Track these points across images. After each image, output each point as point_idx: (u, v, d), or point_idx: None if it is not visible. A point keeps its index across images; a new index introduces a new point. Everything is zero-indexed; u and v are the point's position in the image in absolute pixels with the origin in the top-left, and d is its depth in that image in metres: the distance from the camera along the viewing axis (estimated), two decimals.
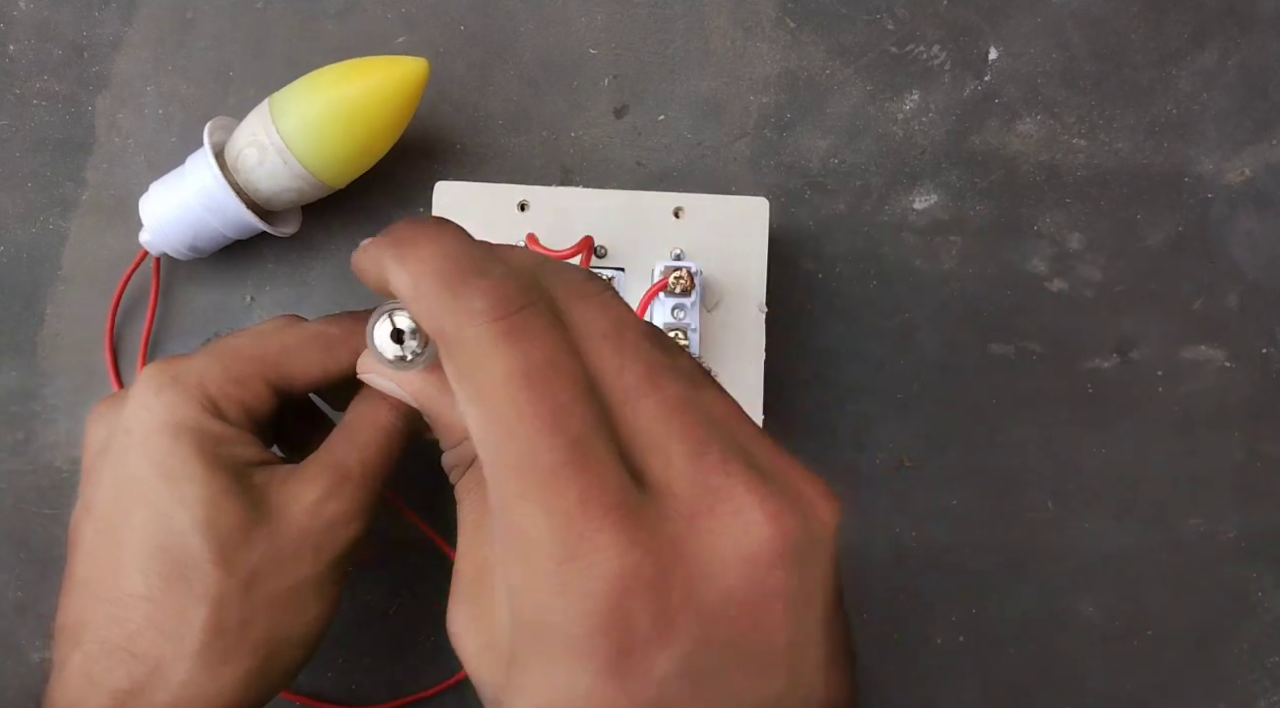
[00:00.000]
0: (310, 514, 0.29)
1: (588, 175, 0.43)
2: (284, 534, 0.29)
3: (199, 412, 0.29)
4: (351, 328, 0.32)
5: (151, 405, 0.29)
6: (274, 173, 0.37)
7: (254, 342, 0.31)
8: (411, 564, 0.42)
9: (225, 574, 0.28)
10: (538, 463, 0.19)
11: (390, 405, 0.31)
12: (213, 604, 0.28)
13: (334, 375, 0.32)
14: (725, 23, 0.44)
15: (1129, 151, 0.44)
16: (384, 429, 0.31)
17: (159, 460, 0.29)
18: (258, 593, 0.29)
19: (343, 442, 0.31)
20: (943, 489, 0.43)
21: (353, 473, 0.30)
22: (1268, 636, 0.44)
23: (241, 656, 0.28)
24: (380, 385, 0.26)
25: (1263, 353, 0.44)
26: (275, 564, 0.29)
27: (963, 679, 0.44)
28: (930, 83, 0.44)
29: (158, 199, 0.39)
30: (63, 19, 0.42)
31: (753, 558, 0.20)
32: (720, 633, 0.19)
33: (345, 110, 0.36)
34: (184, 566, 0.28)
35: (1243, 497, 0.44)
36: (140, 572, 0.28)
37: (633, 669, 0.19)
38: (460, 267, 0.20)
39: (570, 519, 0.19)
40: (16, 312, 0.42)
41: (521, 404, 0.19)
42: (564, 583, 0.19)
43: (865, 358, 0.43)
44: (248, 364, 0.31)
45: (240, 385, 0.30)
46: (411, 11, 0.43)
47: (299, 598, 0.29)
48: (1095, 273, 0.44)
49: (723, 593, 0.19)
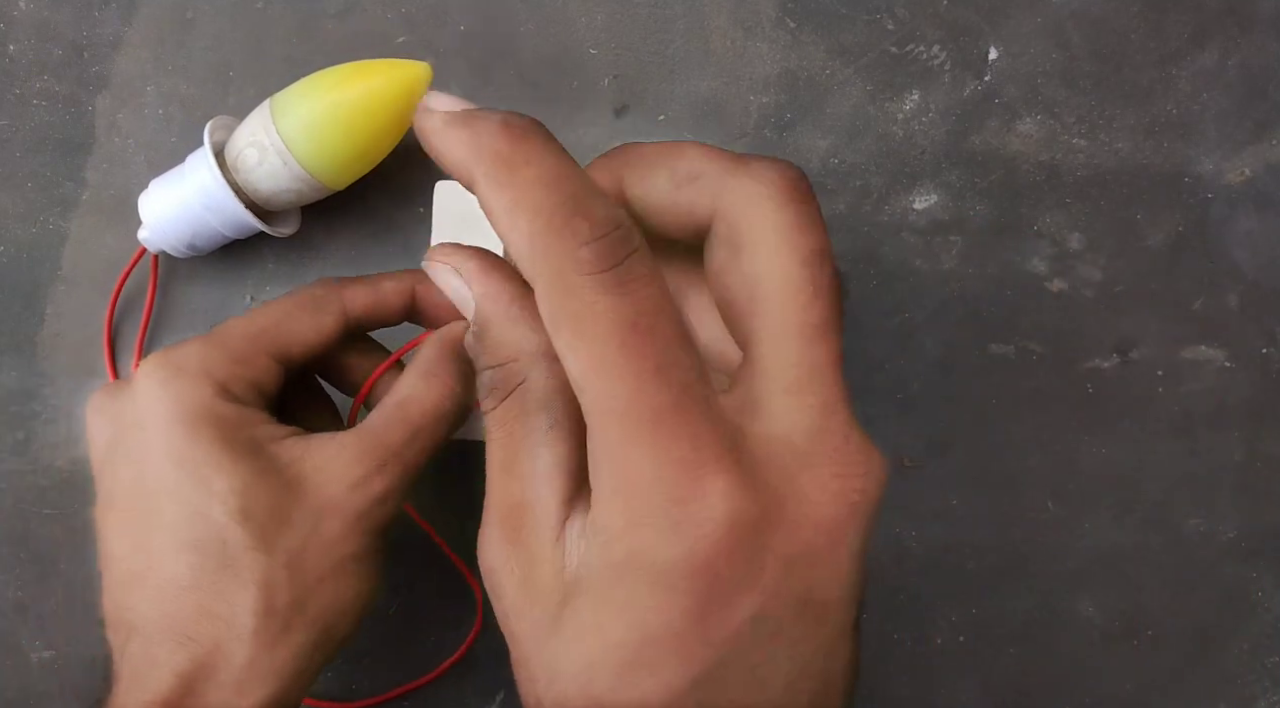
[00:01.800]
0: (352, 491, 0.30)
1: None
2: (324, 512, 0.29)
3: (211, 397, 0.29)
4: (334, 286, 0.33)
5: (161, 397, 0.29)
6: (273, 174, 0.37)
7: (246, 319, 0.32)
8: (411, 564, 0.42)
9: (268, 558, 0.29)
10: (647, 409, 0.19)
11: (444, 382, 0.31)
12: (260, 588, 0.28)
13: (328, 335, 0.32)
14: (725, 23, 0.44)
15: (1129, 151, 0.44)
16: (439, 408, 0.31)
17: (181, 454, 0.29)
18: (303, 572, 0.29)
19: (392, 420, 0.31)
20: (943, 489, 0.43)
21: (401, 454, 0.30)
22: (1268, 636, 0.44)
23: (295, 632, 0.29)
24: (443, 280, 0.23)
25: (1263, 353, 0.44)
26: (317, 542, 0.29)
27: (963, 679, 0.44)
28: (930, 83, 0.44)
29: (157, 197, 0.39)
30: (63, 19, 0.42)
31: (839, 520, 0.20)
32: (795, 585, 0.20)
33: (346, 113, 0.36)
34: (226, 555, 0.28)
35: (1243, 497, 0.44)
36: (185, 565, 0.28)
37: (718, 612, 0.20)
38: (564, 205, 0.19)
39: (683, 464, 0.19)
40: (16, 312, 0.42)
41: (631, 351, 0.19)
42: (673, 524, 0.19)
43: (865, 358, 0.43)
44: (247, 341, 0.31)
45: (245, 364, 0.30)
46: (411, 11, 0.43)
47: (344, 573, 0.30)
48: (1095, 273, 0.44)
49: (807, 547, 0.20)
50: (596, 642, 0.20)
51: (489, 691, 0.42)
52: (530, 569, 0.21)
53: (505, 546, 0.22)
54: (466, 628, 0.42)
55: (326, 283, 0.33)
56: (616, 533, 0.20)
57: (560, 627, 0.21)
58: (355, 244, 0.42)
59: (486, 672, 0.42)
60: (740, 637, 0.20)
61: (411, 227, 0.42)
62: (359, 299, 0.33)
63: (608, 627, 0.20)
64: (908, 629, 0.43)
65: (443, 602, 0.42)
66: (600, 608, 0.20)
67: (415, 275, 0.34)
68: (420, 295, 0.34)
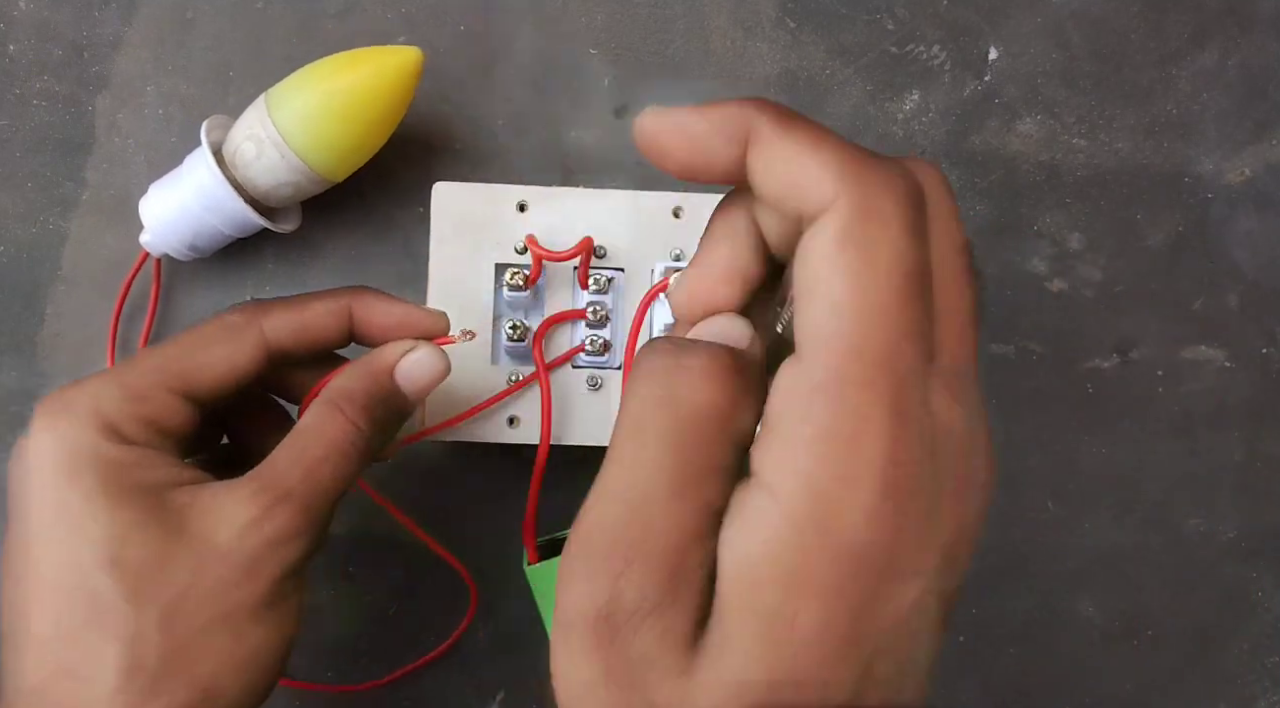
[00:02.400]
0: (241, 537, 0.27)
1: (588, 175, 0.43)
2: (209, 560, 0.27)
3: (96, 438, 0.27)
4: (253, 312, 0.30)
5: (44, 442, 0.27)
6: (271, 166, 0.37)
7: (152, 351, 0.29)
8: (411, 564, 0.42)
9: (139, 610, 0.26)
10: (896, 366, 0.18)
11: (348, 418, 0.29)
12: (127, 642, 0.26)
13: (244, 368, 0.29)
14: (725, 23, 0.44)
15: (1129, 151, 0.44)
16: (338, 444, 0.29)
17: (59, 500, 0.27)
18: (181, 625, 0.26)
19: (288, 456, 0.29)
20: None
21: (294, 492, 0.28)
22: (1268, 636, 0.44)
23: (169, 692, 0.26)
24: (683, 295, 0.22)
25: (1263, 353, 0.44)
26: (199, 593, 0.27)
27: (963, 679, 0.44)
28: (930, 83, 0.44)
29: (157, 200, 0.39)
30: (63, 19, 0.42)
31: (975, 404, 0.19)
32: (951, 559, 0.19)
33: (340, 101, 0.36)
34: (95, 607, 0.26)
35: (1243, 497, 0.44)
36: (51, 617, 0.26)
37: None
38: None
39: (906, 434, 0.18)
40: (16, 312, 0.42)
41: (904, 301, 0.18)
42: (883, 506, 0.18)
43: None
44: (146, 376, 0.28)
45: (141, 401, 0.28)
46: (411, 11, 0.43)
47: (234, 626, 0.27)
48: (1095, 273, 0.44)
49: (962, 523, 0.19)
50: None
51: (489, 690, 0.42)
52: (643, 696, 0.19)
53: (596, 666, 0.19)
54: (460, 636, 0.42)
55: (246, 309, 0.30)
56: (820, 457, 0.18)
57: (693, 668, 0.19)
58: (355, 244, 0.42)
59: (487, 672, 0.42)
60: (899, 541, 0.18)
61: (411, 226, 0.42)
62: (281, 325, 0.30)
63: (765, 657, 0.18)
64: None
65: (442, 602, 0.42)
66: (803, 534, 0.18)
67: (352, 294, 0.31)
68: (359, 317, 0.31)
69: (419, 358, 0.31)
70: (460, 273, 0.37)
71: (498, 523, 0.42)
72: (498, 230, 0.37)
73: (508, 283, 0.36)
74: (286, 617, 0.28)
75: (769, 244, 0.21)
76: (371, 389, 0.30)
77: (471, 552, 0.41)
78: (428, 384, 0.31)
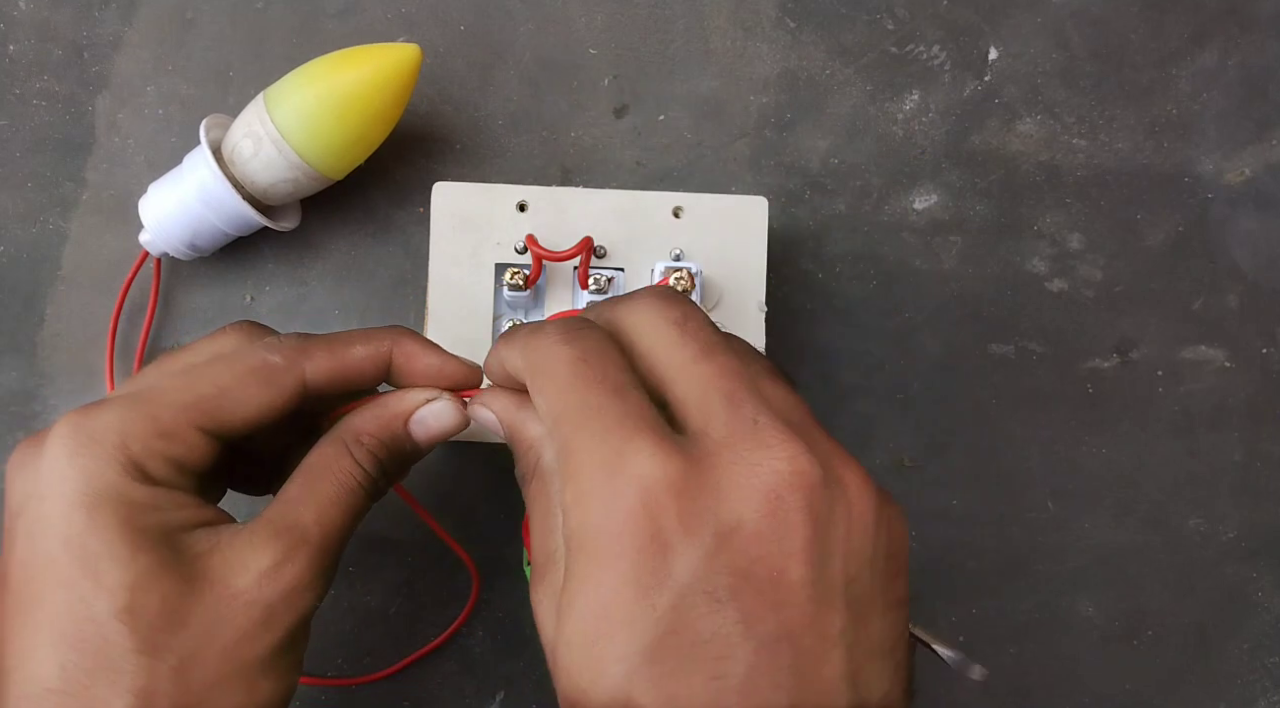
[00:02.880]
0: (259, 585, 0.26)
1: (588, 175, 0.43)
2: (226, 610, 0.26)
3: (120, 477, 0.26)
4: (295, 354, 0.29)
5: (65, 472, 0.26)
6: (270, 163, 0.37)
7: (184, 383, 0.28)
8: (411, 565, 0.42)
9: (152, 662, 0.25)
10: (587, 404, 0.24)
11: (355, 460, 0.29)
12: (139, 696, 0.25)
13: (278, 410, 0.28)
14: (725, 23, 0.44)
15: (1129, 151, 0.44)
16: (346, 484, 0.28)
17: (75, 539, 0.25)
18: (195, 678, 0.25)
19: (300, 497, 0.28)
20: (943, 489, 0.43)
21: (310, 535, 0.27)
22: (1268, 636, 0.44)
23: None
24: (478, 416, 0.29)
25: (1263, 353, 0.44)
26: (215, 644, 0.26)
27: (963, 679, 0.44)
28: (930, 83, 0.44)
29: (156, 199, 0.39)
30: (63, 19, 0.42)
31: (770, 492, 0.22)
32: (734, 554, 0.22)
33: (339, 98, 0.36)
34: (105, 657, 0.25)
35: (1243, 497, 0.44)
36: (57, 664, 0.25)
37: (656, 573, 0.22)
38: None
39: (610, 432, 0.23)
40: (16, 312, 0.42)
41: (576, 373, 0.24)
42: (608, 486, 0.23)
43: (865, 358, 0.43)
44: (177, 413, 0.27)
45: (169, 439, 0.27)
46: (411, 11, 0.43)
47: (247, 677, 0.26)
48: (1095, 273, 0.44)
49: (739, 517, 0.22)
50: (570, 625, 0.23)
51: (489, 690, 0.42)
52: (554, 599, 0.24)
53: (540, 585, 0.25)
54: (465, 627, 0.42)
55: (288, 348, 0.29)
56: (570, 510, 0.23)
57: (557, 634, 0.24)
58: (355, 244, 0.42)
59: (487, 671, 0.42)
60: (683, 604, 0.22)
61: (411, 226, 0.42)
62: (322, 369, 0.29)
63: (577, 609, 0.23)
64: None
65: (442, 602, 0.42)
66: (569, 593, 0.23)
67: (393, 335, 0.30)
68: (398, 362, 0.30)
69: (437, 410, 0.30)
70: (460, 273, 0.37)
71: (497, 523, 0.42)
72: (498, 230, 0.37)
73: (508, 283, 0.36)
74: (294, 666, 0.28)
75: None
76: (383, 435, 0.30)
77: (471, 552, 0.41)
78: (440, 436, 0.30)
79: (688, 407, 0.24)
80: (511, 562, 0.41)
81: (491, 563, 0.41)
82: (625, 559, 0.22)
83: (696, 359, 0.24)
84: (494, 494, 0.42)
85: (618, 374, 0.24)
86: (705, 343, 0.25)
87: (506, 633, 0.42)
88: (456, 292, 0.37)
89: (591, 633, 0.23)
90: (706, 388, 0.24)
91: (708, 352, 0.25)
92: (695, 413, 0.24)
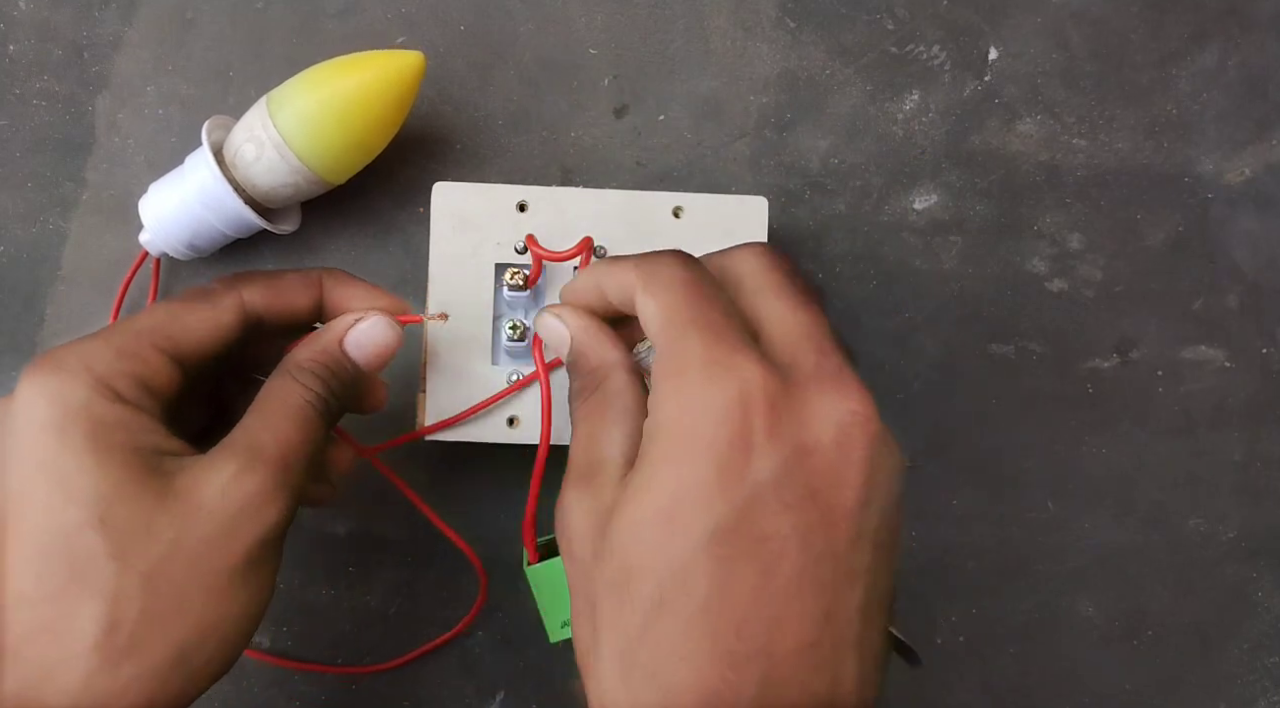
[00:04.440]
0: (223, 496, 0.28)
1: (588, 175, 0.43)
2: (192, 521, 0.27)
3: (88, 394, 0.27)
4: (232, 281, 0.32)
5: (35, 397, 0.27)
6: (271, 168, 0.37)
7: (138, 315, 0.30)
8: (411, 564, 0.42)
9: (122, 567, 0.26)
10: (700, 313, 0.26)
11: (300, 383, 0.31)
12: (108, 599, 0.26)
13: (225, 330, 0.31)
14: (725, 23, 0.44)
15: (1129, 151, 0.44)
16: (295, 405, 0.30)
17: (48, 459, 0.27)
18: (162, 585, 0.27)
19: (254, 420, 0.30)
20: (943, 489, 0.43)
21: (266, 452, 0.29)
22: (1268, 636, 0.44)
23: (146, 652, 0.27)
24: (543, 323, 0.31)
25: (1263, 353, 0.44)
26: (183, 554, 0.27)
27: (963, 679, 0.44)
28: (930, 83, 0.44)
29: (157, 199, 0.39)
30: (63, 19, 0.42)
31: (844, 427, 0.25)
32: (804, 472, 0.25)
33: (341, 104, 0.36)
34: (79, 563, 0.26)
35: (1243, 497, 0.44)
36: (34, 574, 0.26)
37: (737, 465, 0.24)
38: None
39: (720, 340, 0.26)
40: (16, 312, 0.42)
41: (691, 288, 0.27)
42: (712, 382, 0.25)
43: (865, 358, 0.43)
44: (134, 336, 0.29)
45: (131, 358, 0.29)
46: (411, 11, 0.43)
47: (214, 588, 0.28)
48: (1095, 273, 0.44)
49: (817, 439, 0.25)
50: (646, 502, 0.25)
51: (489, 690, 0.42)
52: (597, 500, 0.26)
53: (580, 489, 0.27)
54: (466, 627, 0.42)
55: (225, 278, 0.32)
56: (665, 407, 0.25)
57: (612, 517, 0.26)
58: (355, 244, 0.42)
59: (487, 671, 0.42)
60: (755, 500, 0.24)
61: (411, 227, 0.42)
62: (257, 293, 0.32)
63: (655, 487, 0.25)
64: (908, 630, 0.43)
65: (443, 602, 0.42)
66: (650, 475, 0.25)
67: (325, 272, 0.33)
68: (329, 290, 0.33)
69: (367, 327, 0.32)
70: (460, 273, 0.37)
71: (498, 523, 0.42)
72: (497, 230, 0.37)
73: (508, 283, 0.36)
74: (261, 585, 0.29)
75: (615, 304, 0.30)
76: (321, 358, 0.32)
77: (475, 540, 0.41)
78: (376, 352, 0.33)
79: (783, 343, 0.27)
80: (511, 562, 0.41)
81: (491, 563, 0.41)
82: (716, 448, 0.24)
83: (796, 308, 0.27)
84: (493, 495, 0.42)
85: (726, 301, 0.27)
86: (804, 295, 0.28)
87: (506, 633, 0.42)
88: (457, 292, 0.37)
89: (667, 510, 0.24)
90: (802, 332, 0.27)
91: (806, 303, 0.28)
92: (788, 349, 0.26)
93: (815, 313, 0.27)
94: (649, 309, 0.27)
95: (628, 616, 0.25)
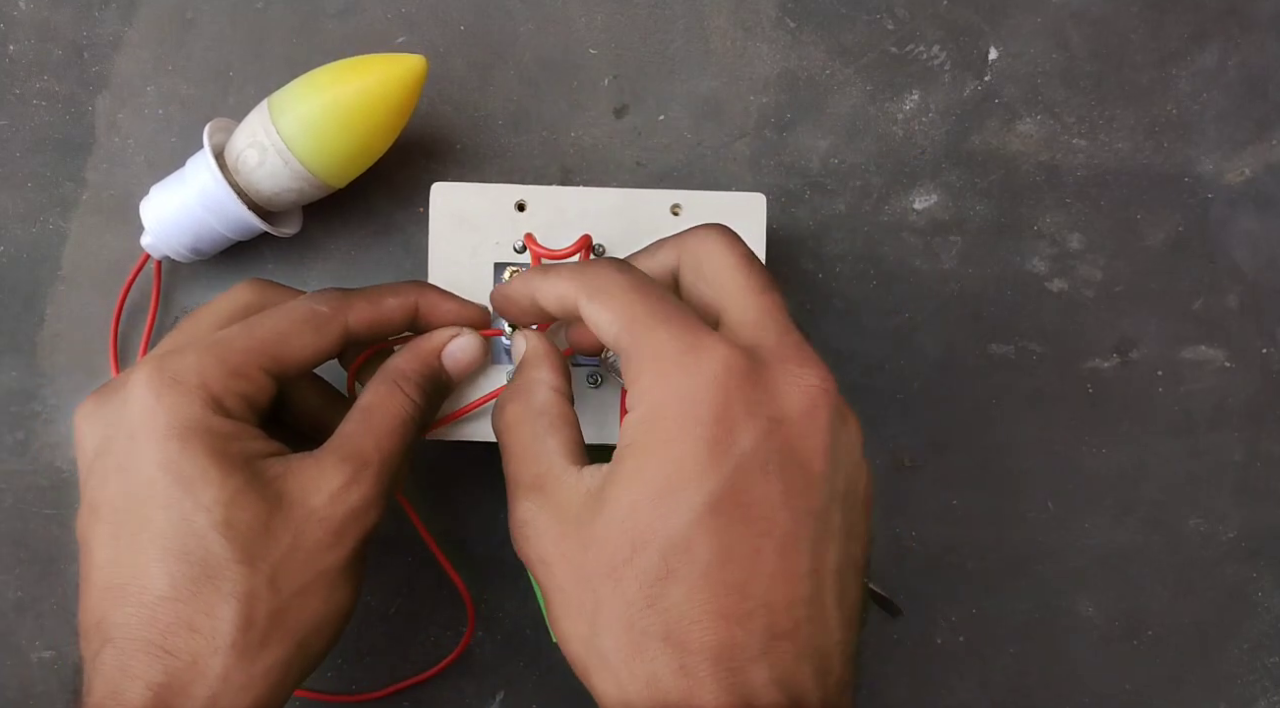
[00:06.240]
0: (332, 503, 0.30)
1: (588, 175, 0.43)
2: (306, 525, 0.30)
3: (204, 411, 0.30)
4: (338, 305, 0.33)
5: (155, 409, 0.29)
6: (274, 173, 0.37)
7: (247, 331, 0.32)
8: (411, 564, 0.42)
9: (250, 570, 0.29)
10: (656, 309, 0.28)
11: (405, 394, 0.33)
12: (242, 600, 0.29)
13: (326, 353, 0.33)
14: (725, 23, 0.44)
15: (1129, 151, 0.44)
16: (400, 417, 0.32)
17: (171, 466, 0.29)
18: (284, 584, 0.29)
19: (360, 429, 0.32)
20: (943, 489, 0.43)
21: (371, 460, 0.31)
22: (1268, 636, 0.44)
23: (274, 645, 0.29)
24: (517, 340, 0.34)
25: (1263, 353, 0.44)
26: (299, 555, 0.30)
27: (963, 679, 0.44)
28: (930, 83, 0.44)
29: (158, 202, 0.39)
30: (63, 19, 0.42)
31: (808, 398, 0.27)
32: (782, 436, 0.27)
33: (344, 109, 0.36)
34: (209, 566, 0.29)
35: (1243, 497, 0.44)
36: (167, 576, 0.28)
37: (725, 438, 0.26)
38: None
39: (685, 329, 0.27)
40: (16, 312, 0.42)
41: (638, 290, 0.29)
42: (691, 365, 0.27)
43: (865, 358, 0.43)
44: (244, 356, 0.31)
45: (240, 378, 0.30)
46: (411, 11, 0.43)
47: (325, 585, 0.30)
48: (1095, 273, 0.44)
49: (786, 411, 0.27)
50: (637, 485, 0.26)
51: (489, 691, 0.42)
52: (559, 502, 0.28)
53: (535, 498, 0.29)
54: (465, 627, 0.42)
55: (331, 299, 0.33)
56: (650, 395, 0.27)
57: (600, 505, 0.27)
58: (355, 244, 0.42)
59: (487, 672, 0.42)
60: (742, 469, 0.26)
61: (411, 227, 0.42)
62: (362, 318, 0.33)
63: (645, 468, 0.26)
64: (908, 629, 0.43)
65: (442, 602, 0.42)
66: (644, 460, 0.27)
67: (418, 289, 0.35)
68: (423, 309, 0.35)
69: (463, 343, 0.35)
70: (460, 272, 0.37)
71: (498, 523, 0.42)
72: (497, 230, 0.37)
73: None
74: (358, 582, 0.32)
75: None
76: (423, 369, 0.34)
77: (471, 552, 0.41)
78: (468, 366, 0.35)
79: (745, 325, 0.29)
80: (511, 562, 0.41)
81: (491, 563, 0.41)
82: (704, 426, 0.26)
83: (758, 291, 0.29)
84: (492, 495, 0.42)
85: (674, 296, 0.29)
86: (764, 279, 0.30)
87: (506, 633, 0.42)
88: (456, 291, 0.37)
89: (664, 488, 0.26)
90: (764, 314, 0.29)
91: (766, 288, 0.29)
92: (751, 330, 0.28)
93: (775, 296, 0.29)
94: (602, 317, 0.29)
95: (633, 592, 0.26)
